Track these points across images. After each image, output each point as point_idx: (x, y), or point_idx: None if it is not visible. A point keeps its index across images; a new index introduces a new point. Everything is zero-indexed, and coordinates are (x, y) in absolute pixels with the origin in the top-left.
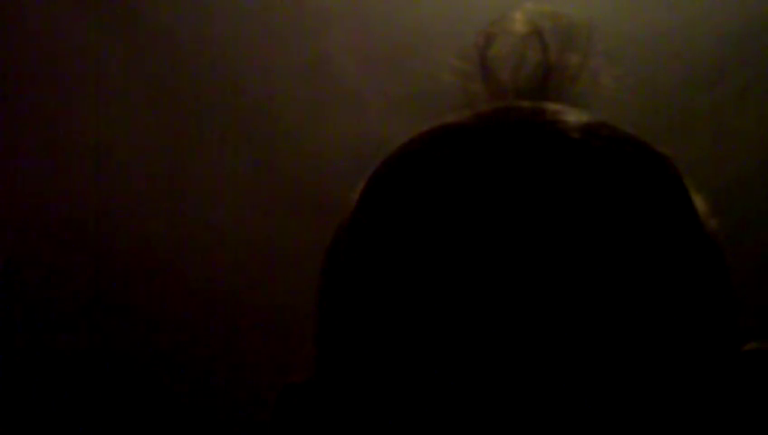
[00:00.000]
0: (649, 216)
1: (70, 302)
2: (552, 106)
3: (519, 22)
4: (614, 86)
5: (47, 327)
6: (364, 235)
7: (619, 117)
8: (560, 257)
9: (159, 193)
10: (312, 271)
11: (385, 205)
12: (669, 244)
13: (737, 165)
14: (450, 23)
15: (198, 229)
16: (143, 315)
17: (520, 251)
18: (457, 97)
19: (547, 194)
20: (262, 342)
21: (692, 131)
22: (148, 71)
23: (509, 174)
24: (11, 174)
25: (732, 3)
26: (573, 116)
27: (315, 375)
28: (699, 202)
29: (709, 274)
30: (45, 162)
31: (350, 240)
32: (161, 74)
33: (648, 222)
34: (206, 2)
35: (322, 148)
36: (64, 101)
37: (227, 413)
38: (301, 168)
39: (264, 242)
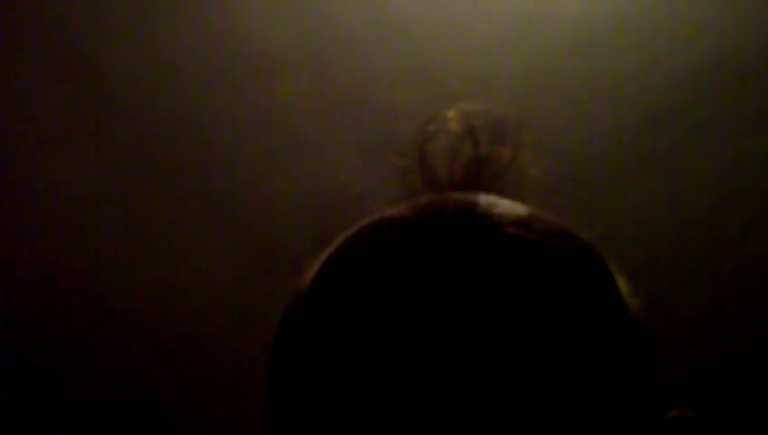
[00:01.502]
0: (580, 307)
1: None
2: (484, 198)
3: (453, 120)
4: (541, 176)
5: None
6: (311, 325)
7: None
8: (496, 350)
9: (119, 245)
10: (272, 318)
11: (331, 298)
12: (596, 330)
13: (692, 204)
14: (402, 73)
15: (158, 279)
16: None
17: (453, 344)
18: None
19: (482, 287)
20: (221, 389)
21: (647, 172)
22: (107, 126)
23: (445, 267)
24: None
25: (682, 47)
26: (505, 208)
27: None
28: (622, 284)
29: (633, 354)
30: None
31: (299, 328)
32: (119, 129)
33: (578, 313)
34: (165, 55)
35: (280, 196)
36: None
37: None
38: (258, 215)
39: (223, 291)
